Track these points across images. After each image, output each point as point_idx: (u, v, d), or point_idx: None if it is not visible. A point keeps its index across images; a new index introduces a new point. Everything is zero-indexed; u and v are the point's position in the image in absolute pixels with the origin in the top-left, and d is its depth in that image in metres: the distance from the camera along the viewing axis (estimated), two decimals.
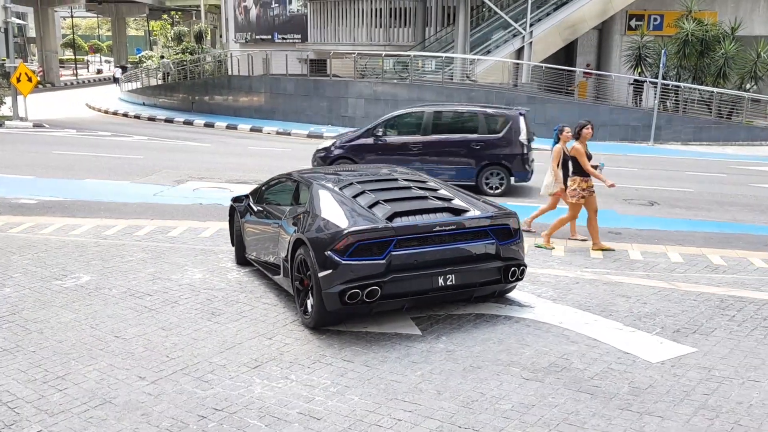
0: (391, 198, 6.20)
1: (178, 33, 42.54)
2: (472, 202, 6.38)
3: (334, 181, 6.78)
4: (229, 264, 8.18)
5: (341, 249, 5.60)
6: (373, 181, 6.80)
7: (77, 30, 77.84)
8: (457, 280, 5.83)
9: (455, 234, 5.88)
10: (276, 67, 27.94)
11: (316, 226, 5.98)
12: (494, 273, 6.03)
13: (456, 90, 22.70)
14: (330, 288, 5.62)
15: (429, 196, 6.32)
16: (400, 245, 5.67)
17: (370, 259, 5.60)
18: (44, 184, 13.19)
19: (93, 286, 7.31)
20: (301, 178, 7.11)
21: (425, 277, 5.73)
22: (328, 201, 6.25)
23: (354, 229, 5.67)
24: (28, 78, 22.51)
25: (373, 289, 5.57)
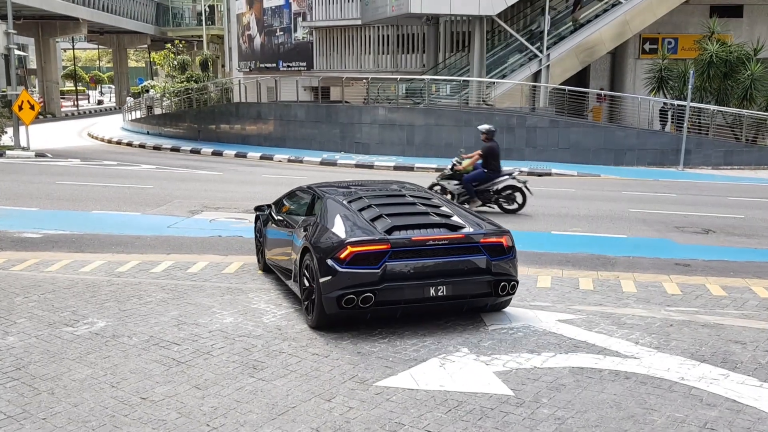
0: (393, 212, 6.66)
1: (182, 62, 41.99)
2: (470, 220, 6.73)
3: (345, 195, 7.24)
4: (262, 305, 7.21)
5: (340, 258, 6.05)
6: (381, 196, 7.30)
7: (78, 62, 77.64)
8: (449, 292, 6.17)
9: (448, 248, 6.22)
10: (282, 95, 27.23)
11: (321, 236, 6.46)
12: (485, 287, 6.33)
13: (474, 114, 21.89)
14: (329, 293, 6.06)
15: (430, 212, 6.76)
16: (395, 256, 6.06)
17: (366, 268, 6.02)
18: (49, 216, 12.25)
19: (110, 334, 6.32)
20: (317, 191, 7.62)
21: (417, 287, 6.11)
22: (335, 213, 6.74)
23: (352, 239, 6.12)
24: (30, 106, 21.70)
25: (368, 296, 5.99)
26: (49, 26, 52.07)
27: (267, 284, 8.13)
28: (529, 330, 6.18)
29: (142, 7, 66.27)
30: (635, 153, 20.77)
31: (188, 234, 10.96)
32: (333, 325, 6.30)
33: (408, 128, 22.54)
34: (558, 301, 7.40)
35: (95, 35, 65.11)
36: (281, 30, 43.56)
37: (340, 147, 23.66)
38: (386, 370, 5.30)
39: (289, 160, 22.35)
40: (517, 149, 21.29)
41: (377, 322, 6.48)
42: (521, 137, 21.31)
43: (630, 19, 25.07)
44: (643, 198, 15.06)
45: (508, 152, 21.32)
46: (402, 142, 22.56)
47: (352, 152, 23.11)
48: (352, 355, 5.67)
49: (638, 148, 20.84)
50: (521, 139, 21.31)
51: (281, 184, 16.97)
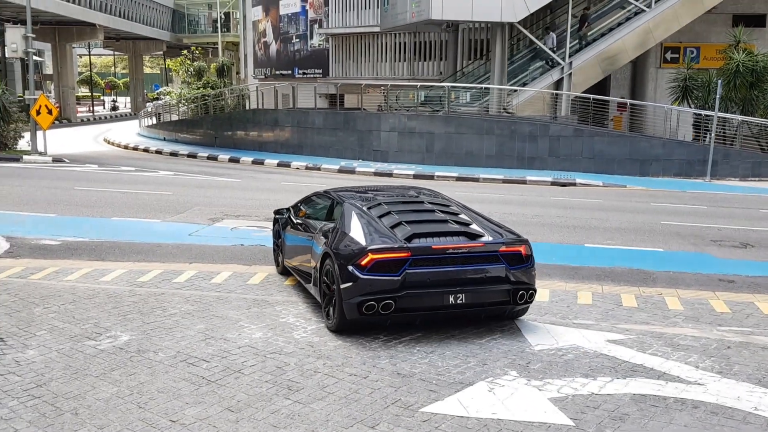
0: (413, 220, 6.65)
1: (198, 68, 41.94)
2: (489, 228, 6.69)
3: (364, 200, 7.27)
4: (291, 319, 6.89)
5: (361, 265, 6.07)
6: (400, 202, 7.32)
7: (93, 68, 77.98)
8: (467, 300, 6.17)
9: (468, 257, 6.22)
10: (298, 102, 26.99)
11: (342, 242, 6.46)
12: (503, 295, 6.31)
13: (495, 122, 21.54)
14: (350, 299, 6.10)
15: (449, 220, 6.74)
16: (415, 264, 6.07)
17: (386, 275, 6.04)
18: (67, 222, 12.00)
19: (134, 348, 6.01)
20: (336, 196, 7.65)
21: (437, 294, 6.12)
22: (355, 219, 6.72)
23: (373, 247, 6.12)
24: (48, 110, 21.55)
25: (388, 303, 6.03)
26: (66, 32, 52.25)
27: (294, 296, 7.82)
28: (579, 351, 5.81)
29: (158, 14, 66.53)
30: (661, 163, 20.32)
31: (210, 242, 10.67)
32: (353, 330, 6.37)
33: (427, 136, 22.19)
34: (602, 319, 7.03)
35: (111, 41, 65.36)
36: (297, 37, 43.44)
37: (358, 155, 23.35)
38: (431, 395, 4.96)
39: (307, 168, 22.08)
40: (539, 158, 20.91)
41: (416, 342, 6.15)
42: (544, 146, 20.93)
43: (653, 27, 24.67)
44: (673, 210, 14.65)
45: (531, 161, 20.98)
46: (421, 150, 22.23)
47: (370, 160, 22.79)
48: (392, 376, 5.33)
49: (664, 158, 20.39)
50: (544, 148, 20.93)
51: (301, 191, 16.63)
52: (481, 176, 19.43)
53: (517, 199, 15.80)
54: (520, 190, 17.81)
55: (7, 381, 5.33)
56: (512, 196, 16.45)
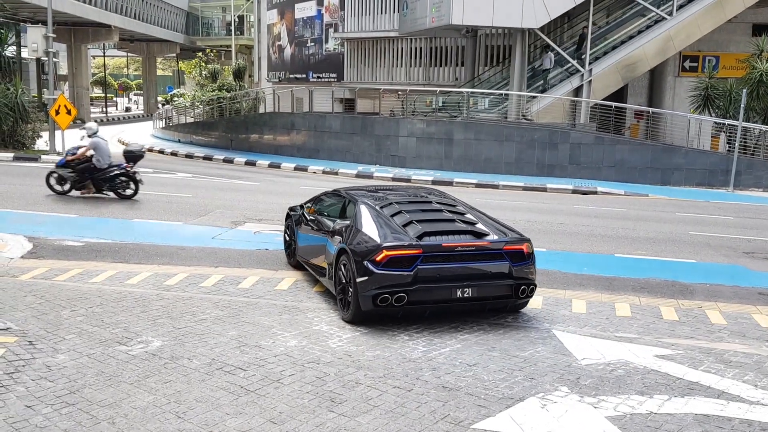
0: (423, 219, 7.11)
1: (212, 71, 41.94)
2: (494, 227, 7.19)
3: (376, 199, 7.69)
4: (324, 327, 6.72)
5: (376, 260, 6.48)
6: (410, 202, 7.72)
7: (106, 69, 78.27)
8: (473, 294, 6.65)
9: (474, 254, 6.70)
10: (314, 106, 26.88)
11: (358, 239, 6.88)
12: (506, 290, 6.81)
13: (515, 129, 21.35)
14: (365, 292, 6.51)
15: (456, 219, 7.21)
16: (426, 260, 6.52)
17: (400, 270, 6.47)
18: (88, 223, 11.88)
19: (167, 355, 5.86)
20: (349, 195, 8.07)
21: (446, 288, 6.59)
22: (369, 217, 7.16)
23: (388, 244, 6.56)
24: (67, 110, 21.48)
25: (401, 296, 6.46)
26: (81, 33, 52.49)
27: (324, 303, 7.65)
28: (629, 367, 5.61)
29: (172, 16, 66.74)
30: (683, 172, 20.07)
31: (234, 246, 10.52)
32: (368, 320, 6.77)
33: (446, 142, 22.01)
34: (644, 333, 6.82)
35: (126, 43, 65.58)
36: (312, 41, 43.40)
37: (375, 159, 23.20)
38: (481, 410, 4.77)
39: (324, 172, 21.94)
40: (559, 165, 20.70)
41: (457, 354, 5.97)
42: (564, 153, 20.72)
43: (674, 35, 24.45)
44: (699, 220, 14.41)
45: (551, 168, 20.76)
46: (440, 156, 22.06)
47: (387, 165, 22.63)
48: (437, 390, 5.14)
49: (686, 167, 20.14)
50: (564, 155, 20.72)
51: None
52: (500, 183, 19.23)
53: (540, 207, 15.59)
54: (540, 197, 17.60)
55: (39, 387, 5.19)
56: (534, 203, 16.25)
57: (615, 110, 22.10)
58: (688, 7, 24.31)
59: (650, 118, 23.06)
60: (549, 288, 8.52)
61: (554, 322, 7.10)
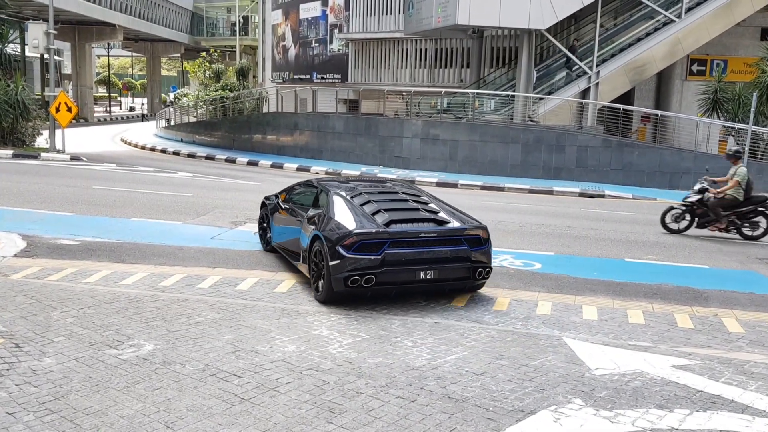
0: (390, 208, 7.71)
1: (216, 71, 41.72)
2: (454, 215, 7.83)
3: (347, 190, 8.21)
4: (324, 331, 6.43)
5: (348, 245, 7.07)
6: (379, 192, 8.29)
7: (111, 69, 78.16)
8: (435, 275, 7.29)
9: (436, 239, 7.36)
10: (317, 106, 26.64)
11: (330, 226, 7.45)
12: (465, 272, 7.44)
13: (521, 131, 21.05)
14: (338, 274, 7.09)
15: (420, 208, 7.81)
16: (392, 245, 7.15)
17: (369, 255, 7.06)
18: (85, 222, 11.61)
19: (159, 359, 5.57)
20: (321, 185, 8.62)
21: (410, 271, 7.22)
22: (341, 206, 7.76)
23: (358, 231, 7.16)
24: (67, 108, 21.23)
25: (370, 277, 7.05)
26: (85, 32, 52.31)
27: (324, 306, 7.37)
28: (645, 378, 5.31)
29: (177, 15, 66.62)
30: (691, 176, 19.67)
31: (233, 247, 10.24)
32: (339, 300, 7.34)
33: (451, 143, 21.73)
34: (659, 341, 6.52)
35: (130, 42, 65.47)
36: (317, 41, 43.16)
37: (378, 161, 22.92)
38: (489, 423, 4.47)
39: (327, 173, 21.66)
40: (566, 168, 20.39)
41: (463, 363, 5.68)
42: (571, 156, 20.42)
43: (683, 38, 24.17)
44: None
45: (557, 171, 20.46)
46: (444, 158, 21.77)
47: (391, 166, 22.36)
48: (443, 401, 4.85)
49: (694, 171, 19.78)
50: (571, 158, 20.41)
51: None
52: (506, 186, 18.94)
53: (546, 210, 15.29)
54: (547, 200, 17.30)
55: (22, 392, 4.91)
56: (540, 206, 15.95)
57: (622, 113, 21.79)
58: (697, 10, 24.03)
59: (658, 121, 22.74)
60: (558, 293, 8.24)
61: (565, 329, 6.80)
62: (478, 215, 13.70)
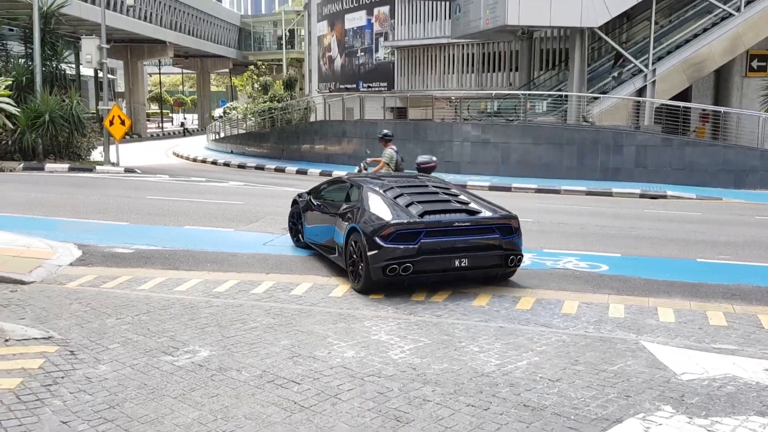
0: (422, 200, 8.01)
1: (264, 83, 42.17)
2: (485, 205, 8.15)
3: (379, 185, 8.53)
4: (384, 336, 6.13)
5: (385, 235, 7.38)
6: (409, 186, 8.59)
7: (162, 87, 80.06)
8: (469, 263, 7.57)
9: (469, 228, 7.65)
10: (365, 114, 26.48)
11: (367, 218, 7.77)
12: (497, 259, 7.74)
13: (576, 131, 20.43)
14: (376, 263, 7.37)
15: (451, 200, 8.13)
16: (428, 235, 7.43)
17: (406, 244, 7.36)
18: (139, 230, 11.62)
19: (215, 366, 5.36)
20: (353, 182, 8.95)
21: (445, 259, 7.50)
22: (375, 200, 8.09)
23: (396, 221, 7.48)
24: (121, 121, 21.61)
25: (407, 266, 7.34)
26: (137, 49, 53.68)
27: (382, 311, 7.09)
28: (739, 382, 4.84)
29: (225, 31, 67.84)
30: (758, 175, 18.79)
31: (285, 252, 10.06)
32: (377, 289, 7.63)
33: (502, 146, 21.25)
34: (746, 344, 6.01)
35: (180, 59, 66.94)
36: (362, 50, 43.20)
37: None
38: None
39: None
40: (624, 169, 19.67)
41: (536, 368, 5.29)
42: (629, 156, 19.69)
43: (743, 32, 23.15)
44: None
45: (615, 172, 19.77)
46: (496, 161, 21.29)
47: (442, 171, 21.92)
48: (518, 409, 4.48)
49: (762, 170, 18.86)
50: (629, 158, 19.69)
51: None
52: (562, 188, 18.36)
53: (607, 212, 14.70)
54: (606, 202, 16.68)
55: (77, 400, 4.74)
56: (600, 208, 15.36)
57: (678, 112, 20.94)
58: (757, 3, 22.99)
59: (721, 118, 21.77)
60: (629, 295, 7.76)
61: (641, 332, 6.34)
62: (535, 217, 13.33)
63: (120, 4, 42.25)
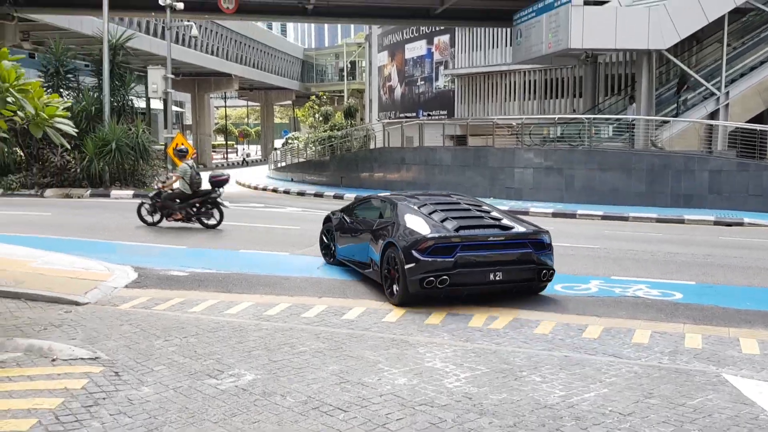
0: (456, 216, 8.23)
1: (325, 113, 42.71)
2: (517, 222, 8.34)
3: (413, 202, 8.82)
4: (438, 363, 5.75)
5: (423, 249, 7.56)
6: (443, 203, 8.85)
7: (228, 119, 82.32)
8: (503, 277, 7.74)
9: (504, 243, 7.84)
10: (425, 142, 26.27)
11: (403, 233, 7.98)
12: (530, 273, 7.89)
13: (645, 157, 19.63)
14: (413, 276, 7.54)
15: (484, 216, 8.38)
16: (464, 249, 7.60)
17: (443, 257, 7.53)
18: (195, 254, 11.61)
19: (259, 390, 5.09)
20: (387, 199, 9.27)
21: (481, 272, 7.69)
22: (411, 216, 8.32)
23: (433, 235, 7.68)
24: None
25: (444, 278, 7.48)
26: (204, 82, 55.36)
27: (437, 337, 6.71)
28: None
29: (288, 64, 69.42)
30: None
31: (339, 276, 9.80)
32: (414, 302, 7.79)
33: (566, 172, 20.61)
34: None
35: (245, 91, 68.75)
36: (422, 79, 43.32)
37: (489, 193, 22.09)
38: None
39: None
40: (697, 195, 18.73)
41: (604, 400, 4.81)
42: (702, 182, 18.75)
43: None
44: None
45: (687, 199, 18.84)
46: (560, 187, 20.66)
47: (502, 197, 21.47)
48: None
49: None
50: (702, 184, 18.74)
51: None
52: (630, 215, 17.57)
53: (679, 239, 13.92)
54: (678, 229, 15.83)
55: (116, 422, 4.54)
56: (671, 235, 14.56)
57: (752, 136, 19.86)
58: None
59: None
60: (707, 324, 7.15)
61: (722, 365, 5.76)
62: (602, 244, 12.72)
63: (188, 39, 43.71)
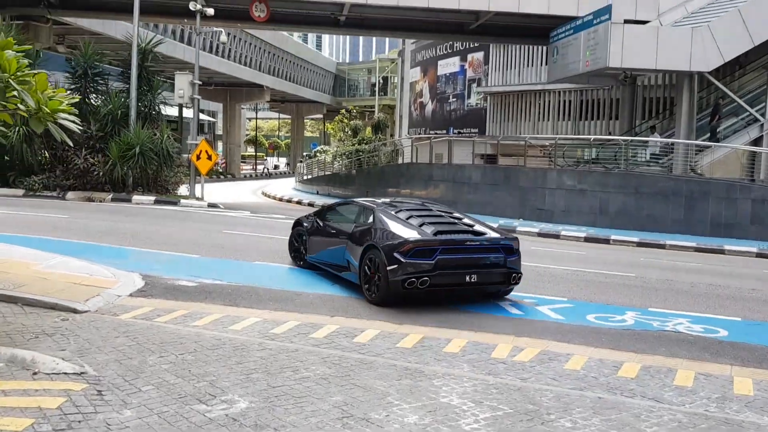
0: (432, 221, 8.82)
1: (354, 126, 42.40)
2: (488, 228, 8.95)
3: (390, 207, 9.32)
4: (455, 399, 5.13)
5: (405, 251, 8.14)
6: (417, 209, 9.39)
7: (260, 131, 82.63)
8: (478, 279, 8.45)
9: (478, 248, 8.56)
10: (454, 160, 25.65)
11: (385, 236, 8.53)
12: (501, 277, 8.64)
13: (684, 182, 18.75)
14: (395, 277, 8.13)
15: (457, 222, 8.98)
16: (443, 252, 8.23)
17: (423, 260, 8.17)
18: (208, 264, 11.11)
19: (250, 422, 4.52)
20: (363, 205, 9.73)
21: (458, 274, 8.40)
22: (390, 220, 8.82)
23: (414, 238, 8.29)
24: (207, 156, 21.75)
25: (425, 279, 8.13)
26: (236, 93, 55.54)
27: (456, 368, 6.08)
28: None
29: (321, 78, 69.48)
30: None
31: (355, 294, 9.21)
32: (394, 302, 8.30)
33: (601, 196, 19.80)
34: None
35: (276, 103, 68.90)
36: (454, 96, 42.76)
37: (518, 214, 21.36)
38: None
39: None
40: (738, 225, 17.77)
41: None
42: (744, 211, 17.81)
43: None
44: None
45: (728, 228, 17.90)
46: (593, 211, 19.84)
47: (533, 219, 20.71)
48: None
49: None
50: (744, 213, 17.80)
51: None
52: (667, 243, 16.70)
53: (720, 270, 13.07)
54: (718, 260, 14.95)
55: None
56: (711, 266, 13.71)
57: None
58: None
59: None
60: (758, 368, 6.43)
61: None
62: (638, 272, 11.96)
63: (222, 49, 43.82)
